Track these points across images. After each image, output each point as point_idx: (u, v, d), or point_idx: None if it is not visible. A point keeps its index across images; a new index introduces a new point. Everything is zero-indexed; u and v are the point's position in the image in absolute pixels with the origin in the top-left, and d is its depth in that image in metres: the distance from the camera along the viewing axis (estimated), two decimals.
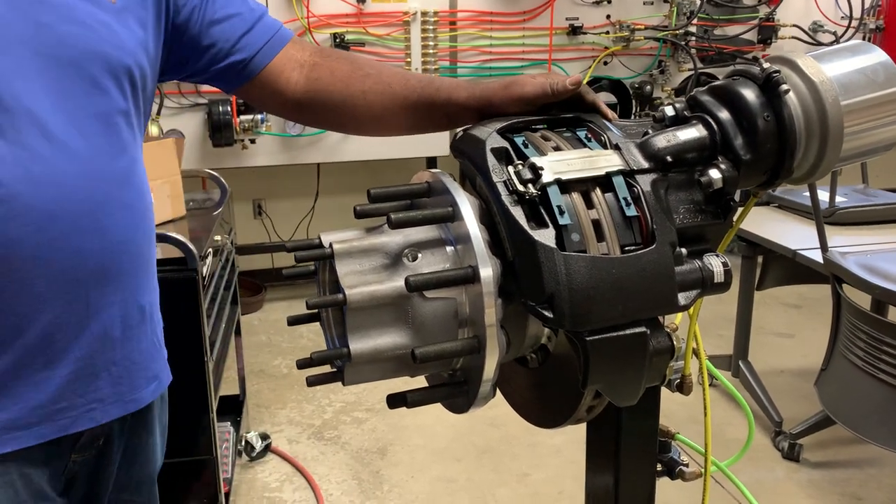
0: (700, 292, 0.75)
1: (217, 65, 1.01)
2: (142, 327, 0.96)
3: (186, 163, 3.16)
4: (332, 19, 3.39)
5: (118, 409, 0.94)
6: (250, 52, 1.00)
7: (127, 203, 0.91)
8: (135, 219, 0.93)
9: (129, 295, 0.93)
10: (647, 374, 0.74)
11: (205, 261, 1.76)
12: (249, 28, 1.01)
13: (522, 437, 2.61)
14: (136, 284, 0.95)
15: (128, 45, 0.90)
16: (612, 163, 0.75)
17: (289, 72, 1.02)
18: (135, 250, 0.93)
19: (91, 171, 0.86)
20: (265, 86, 1.02)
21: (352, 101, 0.99)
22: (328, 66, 1.01)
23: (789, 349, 3.34)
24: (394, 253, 0.76)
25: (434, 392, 0.80)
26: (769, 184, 0.81)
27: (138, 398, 0.97)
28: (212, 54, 1.00)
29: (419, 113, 0.96)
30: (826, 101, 0.77)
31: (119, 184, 0.90)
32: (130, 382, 0.95)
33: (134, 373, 0.96)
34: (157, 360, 1.01)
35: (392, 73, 0.99)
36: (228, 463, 2.17)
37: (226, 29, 0.99)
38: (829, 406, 2.31)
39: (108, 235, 0.88)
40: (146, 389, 0.98)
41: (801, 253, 2.39)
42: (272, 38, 1.02)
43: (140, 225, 0.94)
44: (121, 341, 0.93)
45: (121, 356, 0.93)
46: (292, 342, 3.42)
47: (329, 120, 1.04)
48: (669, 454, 0.95)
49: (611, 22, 3.77)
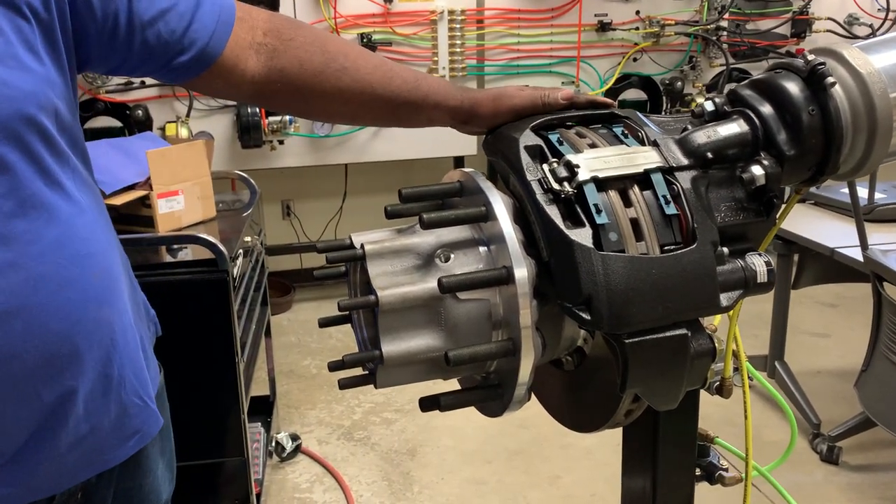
0: (743, 293, 0.73)
1: (158, 68, 0.87)
2: (110, 397, 0.86)
3: (216, 164, 3.18)
4: (360, 19, 3.39)
5: (86, 473, 0.87)
6: (195, 50, 0.86)
7: (75, 277, 0.79)
8: (86, 289, 0.80)
9: (93, 374, 0.83)
10: (688, 377, 0.72)
11: (235, 262, 1.77)
12: (188, 23, 0.85)
13: (553, 439, 2.59)
14: (102, 359, 0.84)
15: (24, 90, 0.73)
16: (651, 160, 0.72)
17: (244, 61, 0.88)
18: (95, 325, 0.82)
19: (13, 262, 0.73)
20: (217, 77, 0.89)
21: (326, 97, 0.89)
22: (294, 56, 0.89)
23: (826, 349, 3.27)
24: (426, 254, 0.74)
25: (468, 395, 0.78)
26: (814, 180, 0.78)
27: (111, 458, 0.89)
28: (149, 58, 0.86)
29: (400, 114, 0.91)
30: (874, 94, 0.74)
31: (52, 263, 0.77)
32: (100, 448, 0.87)
33: (106, 438, 0.87)
34: (136, 416, 0.90)
35: (371, 68, 0.89)
36: (259, 464, 2.17)
37: (161, 31, 0.84)
38: (870, 408, 2.25)
39: (58, 321, 0.77)
40: (122, 448, 0.90)
41: (840, 251, 2.33)
42: (216, 28, 0.86)
43: (97, 293, 0.82)
44: (85, 418, 0.84)
45: (88, 430, 0.84)
46: (321, 343, 3.42)
47: (296, 110, 0.96)
48: (708, 458, 0.93)
49: (640, 18, 3.72)
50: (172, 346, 1.08)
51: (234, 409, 1.75)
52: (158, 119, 3.25)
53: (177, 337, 1.14)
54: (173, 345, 1.09)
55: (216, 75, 0.88)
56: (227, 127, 3.36)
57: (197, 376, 1.68)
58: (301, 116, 1.00)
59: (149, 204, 1.85)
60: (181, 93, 3.24)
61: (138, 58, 0.86)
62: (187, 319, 1.66)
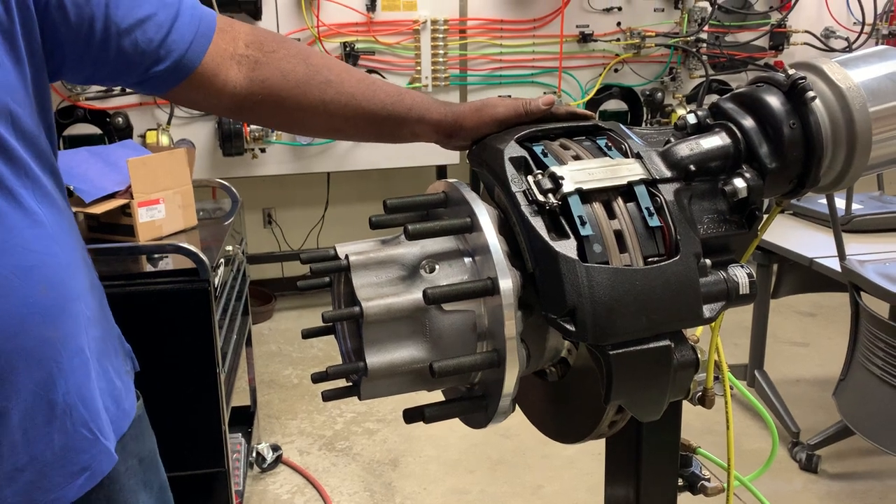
0: (725, 304, 0.73)
1: (135, 78, 0.86)
2: (53, 425, 0.80)
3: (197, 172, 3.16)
4: (342, 28, 3.39)
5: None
6: (172, 59, 0.84)
7: (9, 288, 0.74)
8: (25, 304, 0.76)
9: (29, 395, 0.78)
10: (671, 388, 0.72)
11: (216, 271, 1.75)
12: (167, 33, 0.83)
13: (536, 449, 2.59)
14: (40, 380, 0.78)
15: None
16: (634, 172, 0.73)
17: (224, 71, 0.87)
18: (31, 343, 0.77)
19: None
20: (197, 88, 0.87)
21: (310, 110, 0.88)
22: (277, 68, 0.87)
23: (805, 358, 3.30)
24: (411, 265, 0.74)
25: (452, 406, 0.78)
26: (795, 193, 0.79)
27: (58, 497, 0.83)
28: (125, 68, 0.84)
29: (384, 128, 0.89)
30: (853, 108, 0.75)
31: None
32: (46, 484, 0.81)
33: (49, 473, 0.81)
34: (85, 451, 0.84)
35: (355, 82, 0.88)
36: (240, 475, 2.15)
37: (138, 40, 0.82)
38: (848, 416, 2.27)
39: None
40: (70, 486, 0.83)
41: (818, 261, 2.36)
42: (195, 39, 0.85)
43: (38, 308, 0.77)
44: (24, 447, 0.78)
45: (27, 461, 0.79)
46: (303, 352, 3.40)
47: (278, 123, 0.94)
48: (691, 469, 0.93)
49: (621, 29, 3.75)
50: (153, 356, 1.07)
51: (215, 420, 1.73)
52: (139, 126, 3.23)
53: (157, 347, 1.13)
54: (154, 355, 1.07)
55: (195, 86, 0.87)
56: (209, 135, 3.34)
57: (177, 386, 1.67)
58: (283, 130, 0.98)
59: (129, 212, 1.83)
60: (162, 100, 3.22)
61: (114, 67, 0.84)
62: (168, 329, 1.64)
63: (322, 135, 0.97)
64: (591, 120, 0.83)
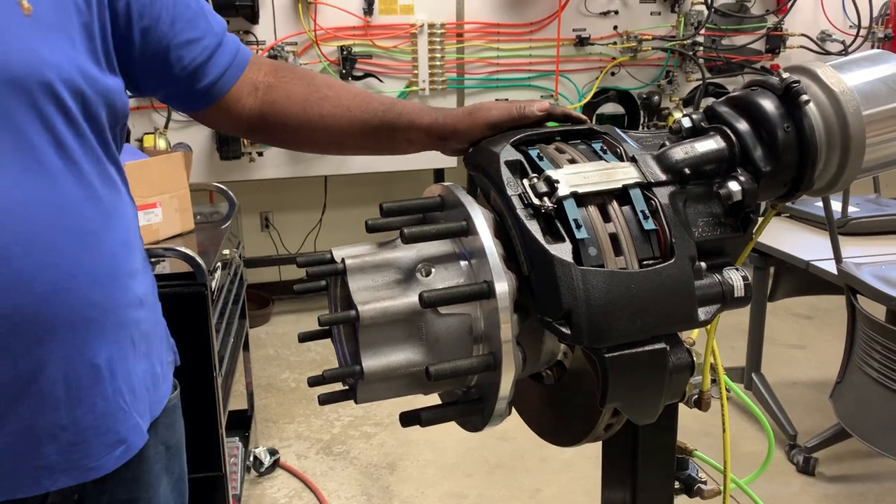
0: (720, 307, 0.74)
1: (173, 90, 0.96)
2: (96, 388, 0.85)
3: (194, 176, 3.17)
4: (339, 32, 3.39)
5: (70, 479, 0.85)
6: (209, 80, 0.95)
7: (61, 245, 0.80)
8: (75, 263, 0.81)
9: (73, 352, 0.82)
10: (667, 391, 0.72)
11: (213, 275, 1.75)
12: (210, 55, 0.94)
13: (533, 452, 2.59)
14: (84, 340, 0.83)
15: (48, 60, 0.78)
16: (629, 175, 0.73)
17: (245, 97, 0.97)
18: (77, 300, 0.82)
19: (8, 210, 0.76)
20: (221, 110, 0.97)
21: (309, 125, 0.96)
22: (284, 89, 0.97)
23: (801, 361, 3.31)
24: (407, 268, 0.74)
25: (448, 410, 0.78)
26: (789, 196, 0.79)
27: (97, 466, 0.87)
28: (168, 80, 0.94)
29: (380, 137, 0.93)
30: (847, 112, 0.75)
31: (48, 223, 0.79)
32: (86, 449, 0.85)
33: (90, 438, 0.85)
34: (123, 422, 0.89)
35: (351, 96, 0.95)
36: (237, 479, 2.15)
37: (184, 57, 0.92)
38: (845, 419, 2.28)
39: (33, 284, 0.77)
40: (108, 456, 0.88)
41: (815, 264, 2.36)
42: (229, 69, 0.96)
43: (87, 269, 0.82)
44: (67, 404, 0.83)
45: (69, 421, 0.83)
46: (300, 356, 3.40)
47: (285, 141, 1.01)
48: (687, 471, 0.93)
49: (618, 33, 3.76)
50: None
51: (212, 424, 1.73)
52: (136, 130, 3.23)
53: None
54: None
55: (220, 109, 0.97)
56: (206, 138, 3.34)
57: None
58: (289, 147, 1.06)
59: None
60: (159, 104, 3.22)
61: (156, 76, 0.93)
62: None
63: (324, 149, 1.02)
64: (585, 123, 0.83)
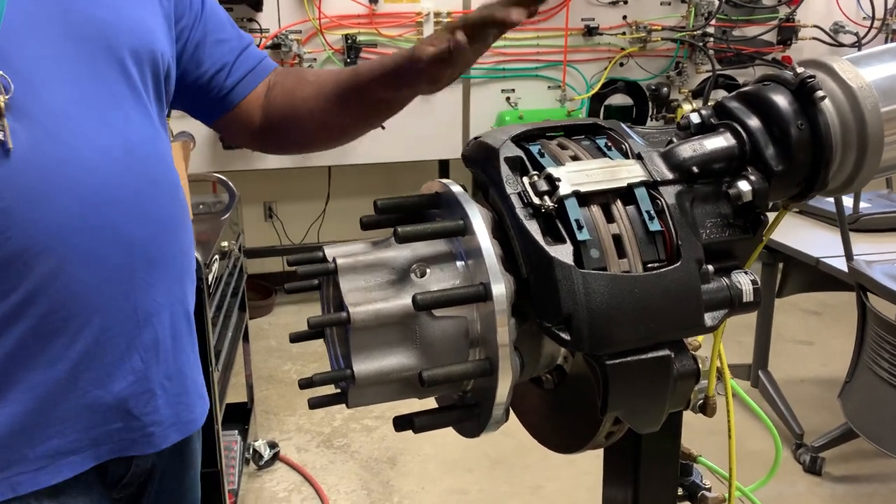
0: (728, 312, 0.70)
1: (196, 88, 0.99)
2: (189, 337, 0.91)
3: (197, 166, 3.15)
4: (344, 20, 3.36)
5: (177, 433, 0.89)
6: (231, 81, 0.99)
7: (167, 191, 0.88)
8: (174, 201, 0.89)
9: (175, 299, 0.88)
10: (671, 399, 0.69)
11: (210, 267, 1.73)
12: (236, 57, 1.00)
13: (535, 448, 2.53)
14: (181, 284, 0.90)
15: (155, 33, 0.89)
16: (635, 173, 0.70)
17: (255, 108, 1.02)
18: (178, 237, 0.89)
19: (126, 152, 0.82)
20: (237, 116, 1.02)
21: (295, 113, 0.99)
22: (279, 86, 1.01)
23: (809, 357, 3.27)
24: (401, 268, 0.71)
25: (443, 415, 0.75)
26: (802, 196, 0.76)
27: (194, 419, 0.92)
28: (195, 75, 0.98)
29: (352, 104, 0.95)
30: (865, 108, 0.71)
31: (162, 169, 0.87)
32: (186, 400, 0.90)
33: (189, 388, 0.90)
34: (200, 374, 0.96)
35: (328, 75, 0.99)
36: (235, 473, 2.13)
37: (213, 54, 0.98)
38: (854, 419, 2.24)
39: (151, 218, 0.84)
40: (199, 409, 0.93)
41: (825, 261, 2.33)
42: (255, 69, 1.01)
43: (179, 207, 0.90)
44: (172, 352, 0.87)
45: (174, 369, 0.87)
46: (302, 347, 3.38)
47: (283, 139, 1.03)
48: (691, 478, 0.91)
49: (627, 23, 3.71)
50: None
51: (208, 419, 1.70)
52: None
53: None
54: None
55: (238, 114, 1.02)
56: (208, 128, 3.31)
57: None
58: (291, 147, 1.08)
59: None
60: None
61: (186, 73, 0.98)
62: None
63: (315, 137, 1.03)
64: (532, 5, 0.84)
